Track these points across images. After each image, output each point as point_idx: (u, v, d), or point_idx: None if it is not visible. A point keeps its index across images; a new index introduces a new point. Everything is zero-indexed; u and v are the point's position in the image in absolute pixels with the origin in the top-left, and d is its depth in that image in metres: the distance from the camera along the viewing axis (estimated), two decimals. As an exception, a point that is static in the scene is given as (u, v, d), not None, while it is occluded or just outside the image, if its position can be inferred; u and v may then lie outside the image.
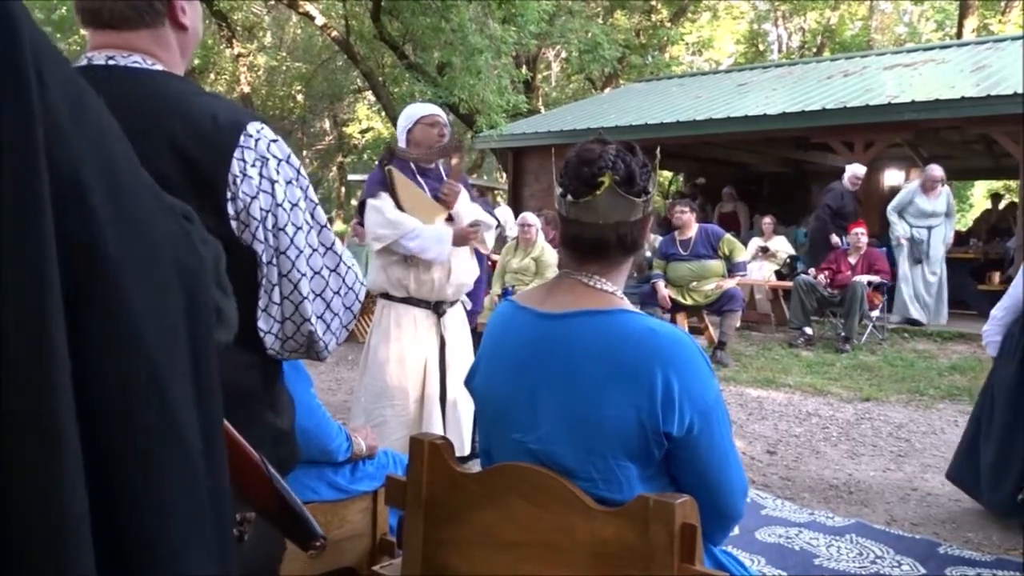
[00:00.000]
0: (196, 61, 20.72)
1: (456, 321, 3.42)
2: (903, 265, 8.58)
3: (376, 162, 3.41)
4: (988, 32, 17.77)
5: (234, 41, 19.70)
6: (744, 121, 9.98)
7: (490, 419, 1.56)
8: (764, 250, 9.90)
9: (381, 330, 3.33)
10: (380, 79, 18.44)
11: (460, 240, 3.25)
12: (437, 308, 3.35)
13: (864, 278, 7.89)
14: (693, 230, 7.45)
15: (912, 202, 8.53)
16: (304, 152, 27.05)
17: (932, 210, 8.42)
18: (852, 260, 8.17)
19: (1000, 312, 3.67)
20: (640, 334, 1.37)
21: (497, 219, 3.60)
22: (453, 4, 9.24)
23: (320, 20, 17.93)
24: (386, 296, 3.36)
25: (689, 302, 7.50)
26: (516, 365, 1.47)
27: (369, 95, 22.60)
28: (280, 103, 22.79)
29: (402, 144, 3.34)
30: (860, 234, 8.45)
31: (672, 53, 22.18)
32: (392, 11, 13.35)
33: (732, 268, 7.42)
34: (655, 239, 8.08)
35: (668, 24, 21.37)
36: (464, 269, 3.37)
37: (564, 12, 17.43)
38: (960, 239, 11.12)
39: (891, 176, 13.01)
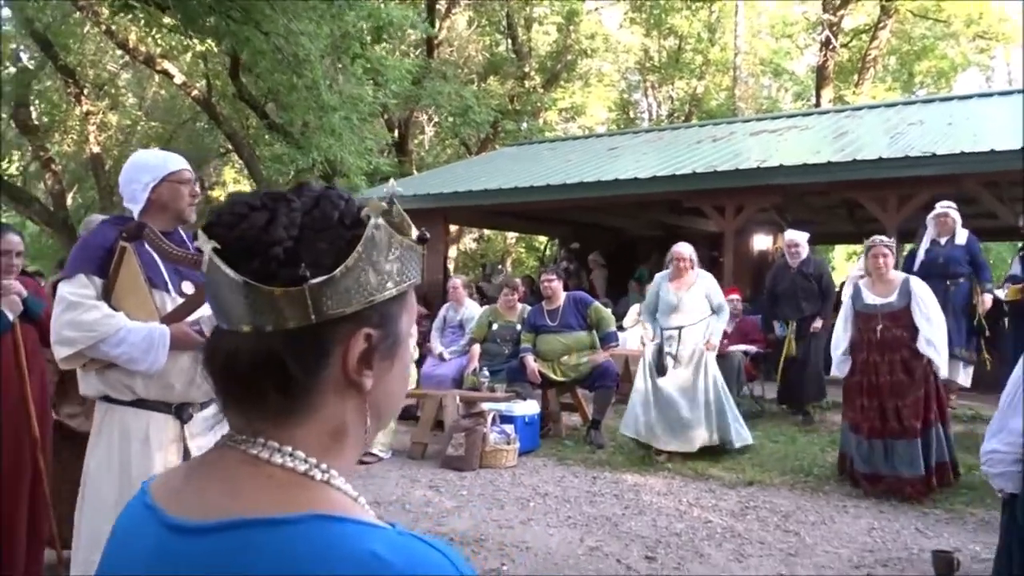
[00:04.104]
0: (44, 119, 19.16)
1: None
2: (638, 378, 6.37)
3: (105, 227, 2.57)
4: (843, 102, 18.60)
5: (83, 98, 18.29)
6: (615, 184, 9.68)
7: None
8: None
9: (102, 446, 2.44)
10: (245, 140, 17.49)
11: (182, 343, 2.42)
12: (180, 413, 2.49)
13: (740, 348, 7.54)
14: (561, 299, 6.92)
15: (658, 295, 6.37)
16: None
17: (677, 303, 6.23)
18: (728, 328, 7.82)
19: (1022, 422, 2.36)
20: (350, 567, 0.67)
21: None
22: (307, 59, 8.57)
23: (180, 79, 16.91)
24: (108, 399, 2.48)
25: (560, 377, 6.92)
26: None
27: (236, 158, 21.51)
28: (137, 165, 21.32)
29: (137, 204, 2.54)
30: (735, 300, 8.17)
31: (546, 119, 22.26)
32: (251, 68, 12.57)
33: (603, 339, 6.90)
34: (523, 309, 7.49)
35: (541, 90, 21.47)
36: None
37: (437, 76, 17.12)
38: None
39: (759, 241, 13.09)
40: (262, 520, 0.71)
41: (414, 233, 0.84)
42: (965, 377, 7.09)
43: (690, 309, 6.17)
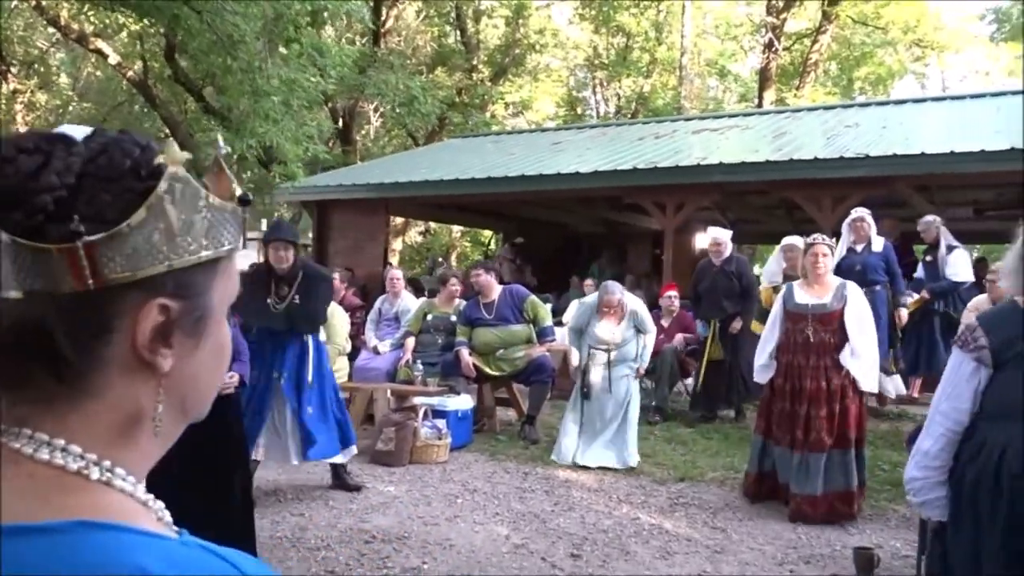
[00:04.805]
0: (-35, 96, 18.34)
1: None
2: (569, 410, 6.20)
3: None
4: (785, 104, 18.88)
5: (10, 76, 17.56)
6: (557, 179, 9.62)
7: None
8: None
9: None
10: (182, 124, 16.97)
11: None
12: None
13: (675, 344, 7.55)
14: (496, 292, 6.83)
15: (589, 321, 6.13)
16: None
17: (610, 338, 6.03)
18: (664, 323, 7.83)
19: (934, 444, 2.23)
20: None
21: None
22: (241, 40, 8.29)
23: (115, 59, 16.32)
24: None
25: (495, 372, 6.82)
26: None
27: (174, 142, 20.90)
28: (67, 147, 20.54)
29: None
30: (672, 297, 8.19)
31: (493, 112, 22.13)
32: (185, 49, 12.18)
33: (540, 333, 6.83)
34: (459, 302, 7.36)
35: (489, 83, 21.33)
36: None
37: (383, 65, 16.84)
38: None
39: (701, 239, 13.19)
40: (13, 528, 0.59)
41: (238, 192, 0.72)
42: (893, 387, 7.17)
43: (619, 338, 6.05)
